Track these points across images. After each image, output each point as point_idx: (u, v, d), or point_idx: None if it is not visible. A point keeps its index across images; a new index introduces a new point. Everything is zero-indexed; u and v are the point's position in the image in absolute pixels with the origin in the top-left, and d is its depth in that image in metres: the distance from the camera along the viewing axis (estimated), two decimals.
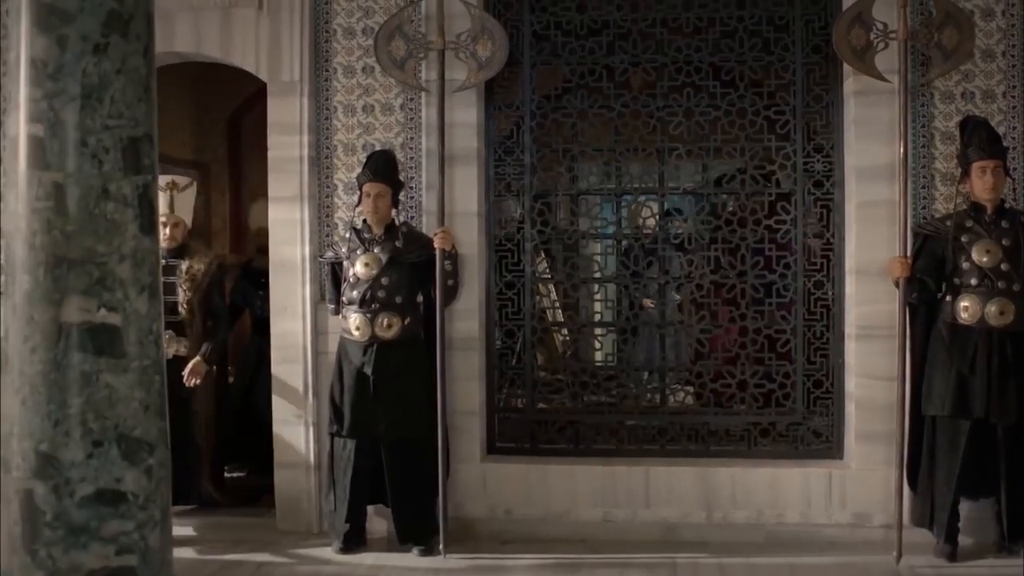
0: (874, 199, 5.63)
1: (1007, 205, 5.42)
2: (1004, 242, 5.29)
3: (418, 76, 5.74)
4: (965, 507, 5.48)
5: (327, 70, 5.97)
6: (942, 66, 5.46)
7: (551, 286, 6.63)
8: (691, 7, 6.01)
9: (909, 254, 5.39)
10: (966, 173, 5.39)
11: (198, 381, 6.03)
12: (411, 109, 5.90)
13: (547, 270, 6.47)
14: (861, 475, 5.70)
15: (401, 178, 5.74)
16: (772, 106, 5.97)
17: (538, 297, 6.40)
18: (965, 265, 5.32)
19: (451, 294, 5.70)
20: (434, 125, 5.68)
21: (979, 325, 5.27)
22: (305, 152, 5.91)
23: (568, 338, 6.68)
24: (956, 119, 5.58)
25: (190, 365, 6.01)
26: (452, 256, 5.64)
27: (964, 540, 5.46)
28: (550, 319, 6.88)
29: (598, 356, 6.46)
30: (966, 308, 5.30)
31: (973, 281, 5.30)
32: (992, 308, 5.25)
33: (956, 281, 5.35)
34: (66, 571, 3.25)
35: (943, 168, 5.65)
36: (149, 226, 3.39)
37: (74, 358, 3.23)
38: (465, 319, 5.86)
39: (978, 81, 5.65)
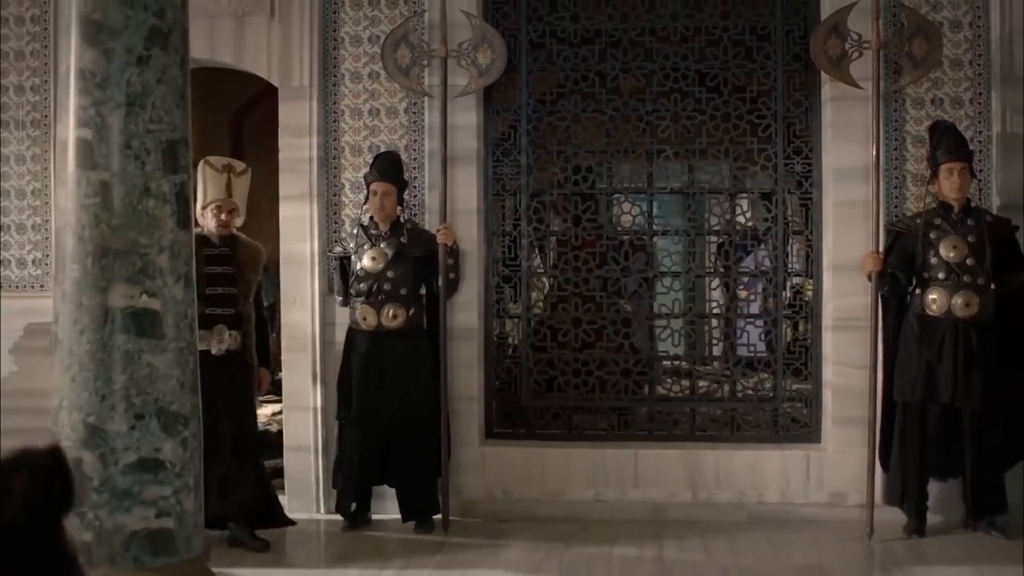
0: (850, 199, 6.00)
1: (973, 204, 5.77)
2: (970, 239, 5.65)
3: (422, 82, 6.09)
4: (934, 487, 5.83)
5: (335, 76, 6.31)
6: (913, 74, 5.83)
7: (545, 280, 6.96)
8: (678, 17, 6.37)
9: (882, 250, 5.76)
10: (935, 174, 5.73)
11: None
12: (414, 113, 6.25)
13: (539, 265, 6.82)
14: (837, 457, 6.07)
15: (406, 178, 6.09)
16: (755, 110, 6.34)
17: (536, 292, 6.77)
18: (933, 260, 5.68)
19: (452, 287, 6.06)
20: (436, 128, 6.04)
21: (946, 316, 5.63)
22: (314, 153, 6.25)
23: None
24: (926, 124, 5.93)
25: (262, 376, 5.88)
26: (453, 251, 6.00)
27: (932, 518, 5.81)
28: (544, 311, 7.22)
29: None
30: (934, 300, 5.66)
31: (941, 275, 5.66)
32: (958, 300, 5.61)
33: (925, 275, 5.71)
34: (111, 532, 3.61)
35: (914, 169, 6.02)
36: (184, 220, 3.75)
37: (119, 339, 3.59)
38: (465, 311, 6.22)
39: (947, 88, 6.03)
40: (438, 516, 5.96)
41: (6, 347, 6.44)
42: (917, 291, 5.76)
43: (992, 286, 5.63)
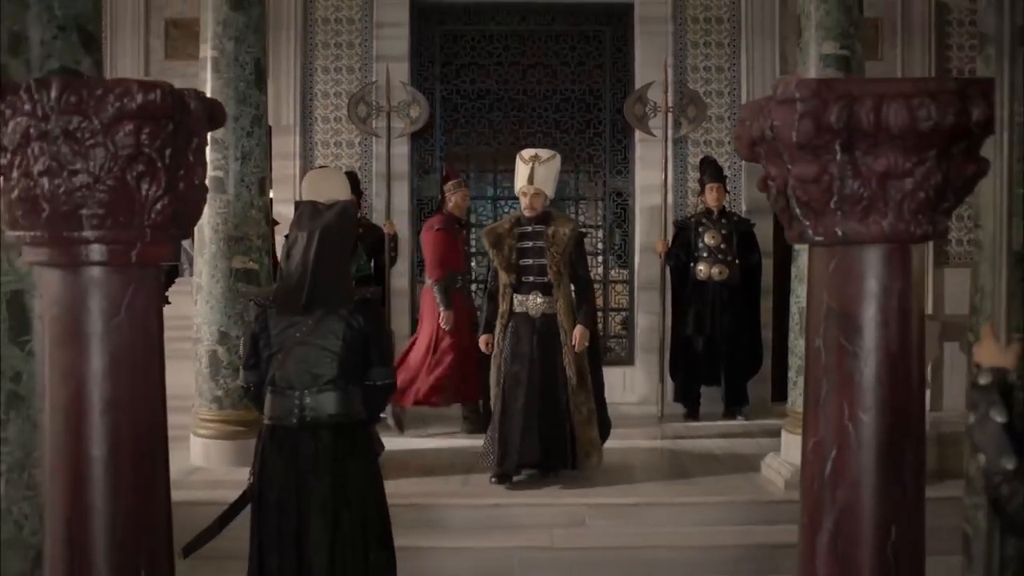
0: (651, 205, 9.24)
1: (727, 209, 9.07)
2: (723, 232, 8.92)
3: (372, 127, 9.10)
4: (704, 389, 9.12)
5: (311, 118, 9.29)
6: (688, 127, 9.14)
7: None
8: (542, 82, 9.55)
9: (670, 238, 9.01)
10: (703, 190, 9.01)
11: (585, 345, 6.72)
12: (365, 145, 9.28)
13: None
14: (644, 373, 9.32)
15: (361, 188, 9.09)
16: (591, 145, 9.58)
17: None
18: (701, 245, 8.93)
19: (393, 262, 9.08)
20: (381, 156, 9.07)
21: (709, 280, 8.90)
22: (297, 171, 9.20)
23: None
24: (700, 157, 9.21)
25: (578, 333, 6.59)
26: (394, 238, 9.02)
27: (702, 410, 9.10)
28: None
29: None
30: (701, 270, 8.92)
31: (705, 255, 8.92)
32: (715, 270, 8.89)
33: (696, 254, 8.95)
34: (231, 389, 6.61)
35: (692, 187, 9.31)
36: (267, 221, 6.76)
37: (237, 285, 6.59)
38: (400, 278, 9.26)
39: (713, 134, 9.33)
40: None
41: None
42: (691, 265, 9.01)
43: (736, 261, 8.93)
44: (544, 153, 6.86)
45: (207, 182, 6.09)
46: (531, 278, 6.63)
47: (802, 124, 2.89)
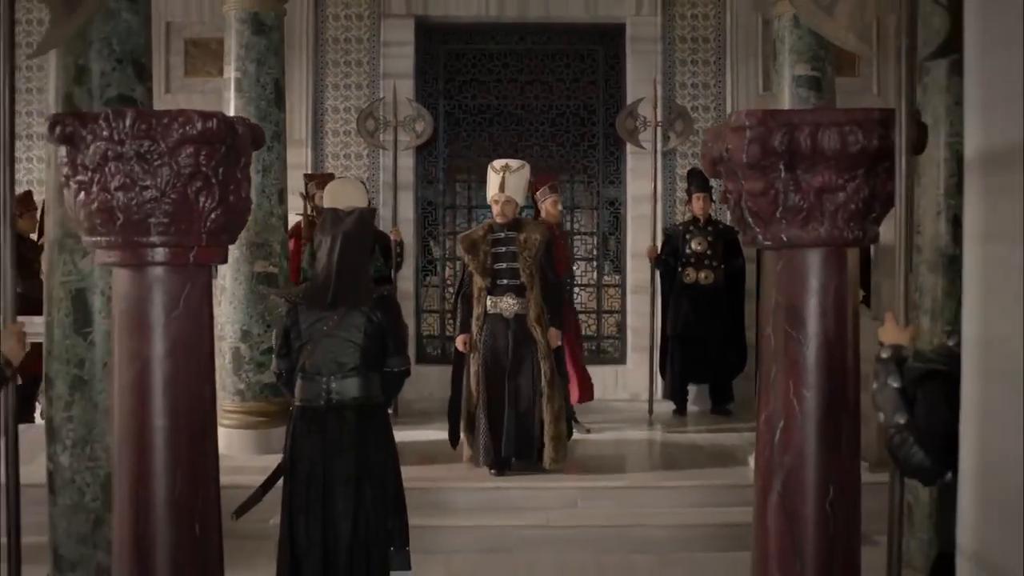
0: (641, 213, 9.81)
1: (713, 217, 9.63)
2: (709, 238, 9.48)
3: (380, 140, 9.68)
4: (692, 387, 9.68)
5: (322, 132, 9.88)
6: (676, 140, 9.72)
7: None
8: (539, 98, 10.14)
9: (659, 245, 9.57)
10: (690, 200, 9.58)
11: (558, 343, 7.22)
12: (373, 157, 9.86)
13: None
14: (635, 371, 9.88)
15: (370, 198, 9.65)
16: (585, 157, 10.16)
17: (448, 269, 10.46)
18: (688, 251, 9.48)
19: (399, 266, 9.64)
20: (389, 167, 9.65)
21: (695, 283, 9.47)
22: None
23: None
24: (687, 168, 9.78)
25: (553, 334, 7.12)
26: (400, 244, 9.59)
27: (690, 406, 9.66)
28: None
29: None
30: (688, 275, 9.46)
31: (692, 260, 9.47)
32: (702, 274, 9.43)
33: (683, 260, 9.52)
34: (253, 383, 7.19)
35: (680, 196, 9.89)
36: (286, 228, 7.34)
37: (258, 288, 7.16)
38: (405, 281, 9.83)
39: (700, 147, 9.86)
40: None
41: None
42: (680, 269, 9.56)
43: (721, 266, 9.49)
44: (514, 163, 7.23)
45: None
46: (505, 281, 7.06)
47: (751, 148, 3.48)
